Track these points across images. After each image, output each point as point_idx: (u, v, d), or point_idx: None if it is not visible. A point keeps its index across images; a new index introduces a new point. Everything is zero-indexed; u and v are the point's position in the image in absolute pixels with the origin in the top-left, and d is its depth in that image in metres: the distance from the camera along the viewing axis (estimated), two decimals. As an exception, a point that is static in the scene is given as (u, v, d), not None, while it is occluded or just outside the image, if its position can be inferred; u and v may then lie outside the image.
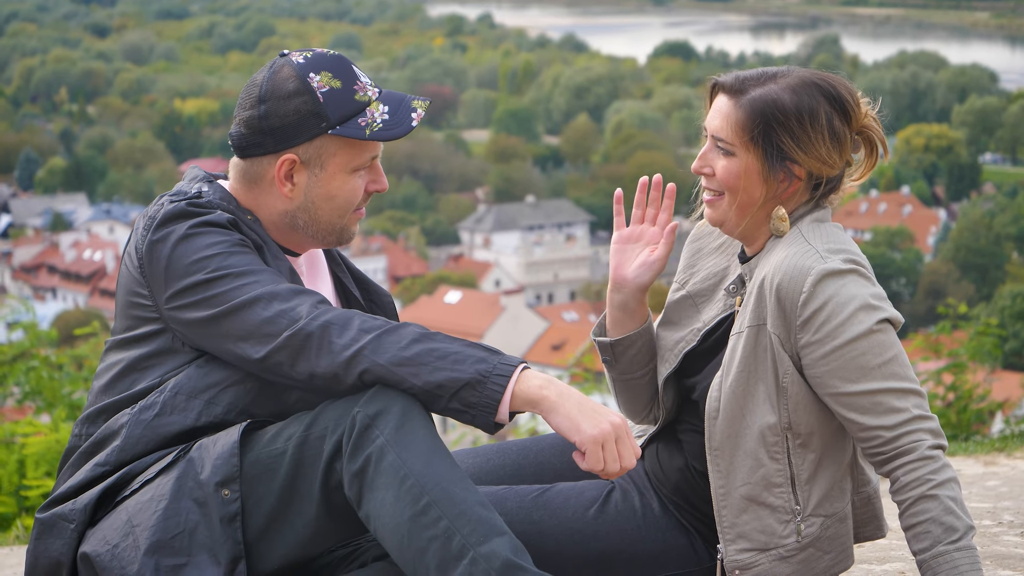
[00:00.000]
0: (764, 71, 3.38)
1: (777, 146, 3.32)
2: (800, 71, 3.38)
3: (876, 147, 3.42)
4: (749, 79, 3.36)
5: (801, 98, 3.33)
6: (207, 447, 3.18)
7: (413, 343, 3.13)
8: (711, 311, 3.50)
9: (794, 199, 3.38)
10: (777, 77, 3.36)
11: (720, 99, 3.39)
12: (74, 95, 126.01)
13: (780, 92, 3.33)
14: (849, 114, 3.36)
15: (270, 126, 3.30)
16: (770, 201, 3.36)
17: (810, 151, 3.32)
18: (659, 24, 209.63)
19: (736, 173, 3.35)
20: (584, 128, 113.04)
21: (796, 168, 3.34)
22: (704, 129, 3.44)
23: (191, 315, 3.21)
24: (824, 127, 3.32)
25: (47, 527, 3.26)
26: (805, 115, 3.32)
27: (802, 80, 3.35)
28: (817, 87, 3.34)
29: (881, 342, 3.26)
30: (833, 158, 3.34)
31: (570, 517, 3.49)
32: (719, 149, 3.38)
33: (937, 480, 3.22)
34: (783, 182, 3.35)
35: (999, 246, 74.15)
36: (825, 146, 3.33)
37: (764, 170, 3.33)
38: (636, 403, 3.64)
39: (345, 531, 3.21)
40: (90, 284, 78.24)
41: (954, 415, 9.17)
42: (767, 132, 3.32)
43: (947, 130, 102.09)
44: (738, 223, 3.38)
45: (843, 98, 3.35)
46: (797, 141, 3.32)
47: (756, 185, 3.35)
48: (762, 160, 3.33)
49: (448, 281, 72.08)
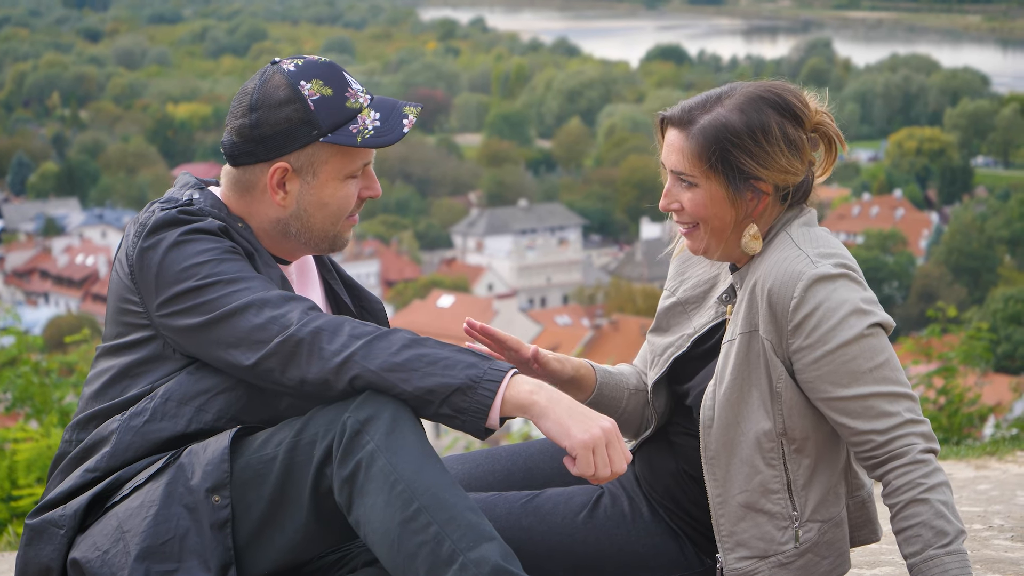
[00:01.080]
0: (708, 95, 3.37)
1: (737, 168, 3.32)
2: (744, 87, 3.37)
3: (833, 141, 3.43)
4: (694, 107, 3.35)
5: (750, 116, 3.32)
6: (197, 453, 3.18)
7: (403, 349, 3.13)
8: (702, 318, 3.51)
9: (767, 213, 3.38)
10: (722, 99, 3.35)
11: (670, 133, 3.39)
12: (66, 99, 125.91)
13: (728, 114, 3.32)
14: (800, 118, 3.35)
15: (261, 134, 3.30)
16: (743, 221, 3.36)
17: (771, 165, 3.32)
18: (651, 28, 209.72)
19: (703, 203, 3.36)
20: (576, 132, 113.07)
21: (761, 184, 3.34)
22: (662, 165, 3.44)
23: (182, 322, 3.21)
24: (779, 139, 3.32)
25: (37, 533, 3.26)
26: (758, 131, 3.31)
27: (747, 96, 3.34)
28: (763, 100, 3.33)
29: (872, 346, 3.26)
30: (795, 166, 3.34)
31: (560, 522, 3.49)
32: (682, 182, 3.38)
33: (928, 484, 3.23)
34: (751, 201, 3.35)
35: (991, 249, 74.22)
36: (784, 156, 3.32)
37: (730, 194, 3.33)
38: (626, 430, 3.68)
39: (335, 537, 3.21)
40: (82, 289, 78.15)
41: (945, 419, 9.18)
42: (724, 156, 3.31)
43: (939, 133, 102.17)
44: (718, 247, 3.39)
45: (791, 104, 3.34)
46: (756, 159, 3.31)
47: (725, 210, 3.35)
48: (725, 185, 3.33)
49: (441, 285, 72.06)
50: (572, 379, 3.60)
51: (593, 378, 3.62)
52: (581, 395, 3.62)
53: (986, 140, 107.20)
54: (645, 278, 75.58)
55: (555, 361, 3.56)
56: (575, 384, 3.61)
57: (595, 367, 3.64)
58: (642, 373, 3.69)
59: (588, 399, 3.61)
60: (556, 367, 3.57)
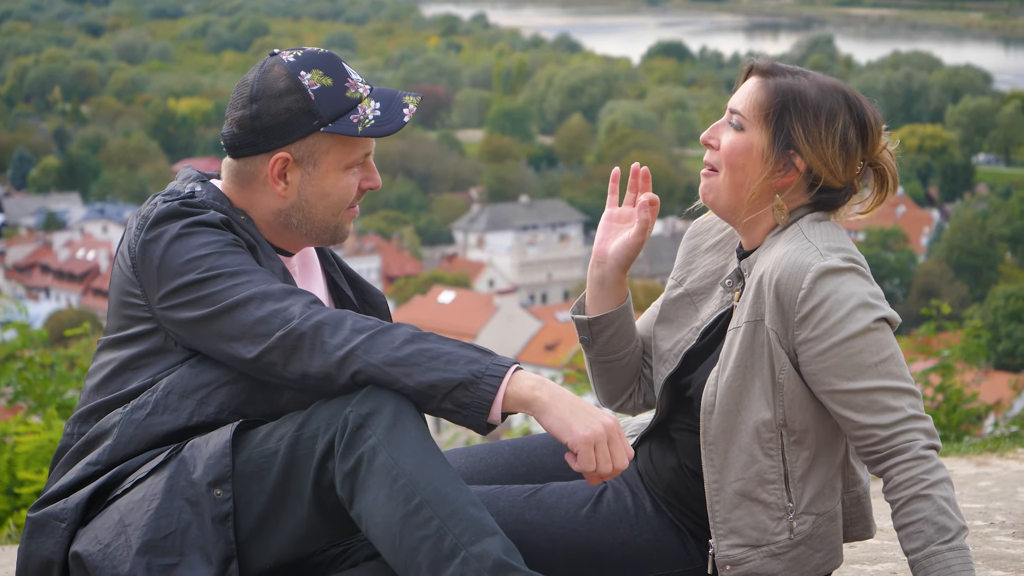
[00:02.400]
0: (802, 68, 3.43)
1: (787, 131, 3.34)
2: (836, 79, 3.42)
3: (887, 182, 3.44)
4: (783, 67, 3.41)
5: (826, 97, 3.36)
6: (199, 447, 3.18)
7: (406, 343, 3.12)
8: (709, 308, 3.50)
9: (789, 193, 3.37)
10: (811, 75, 3.40)
11: (751, 80, 3.42)
12: (68, 94, 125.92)
13: (808, 85, 3.36)
14: (867, 134, 3.37)
15: (262, 125, 3.30)
16: (764, 184, 3.35)
17: (816, 147, 3.33)
18: (653, 24, 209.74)
19: (739, 149, 3.37)
20: (578, 128, 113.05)
21: (798, 159, 3.35)
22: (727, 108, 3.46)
23: (184, 315, 3.21)
24: (838, 131, 3.34)
25: (38, 526, 3.26)
26: (824, 112, 3.34)
27: (833, 84, 3.39)
28: (844, 96, 3.37)
29: (878, 340, 3.26)
30: (837, 164, 3.34)
31: (562, 517, 3.49)
32: (732, 124, 3.40)
33: (930, 480, 3.23)
34: (780, 170, 3.36)
35: (992, 247, 74.24)
36: (832, 149, 3.33)
37: (767, 151, 3.34)
38: (612, 387, 3.65)
39: (337, 531, 3.21)
40: (83, 283, 78.18)
41: (943, 416, 9.18)
42: (782, 115, 3.34)
43: (941, 131, 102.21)
44: (728, 202, 3.39)
45: (865, 116, 3.37)
46: (807, 133, 3.33)
47: (755, 164, 3.35)
48: (769, 140, 3.35)
49: (442, 281, 72.08)
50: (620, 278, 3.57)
51: (626, 296, 3.59)
52: (608, 301, 3.57)
53: (987, 138, 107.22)
54: (646, 274, 75.57)
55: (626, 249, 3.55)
56: (610, 285, 3.57)
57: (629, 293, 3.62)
58: (644, 341, 3.67)
59: (612, 308, 3.56)
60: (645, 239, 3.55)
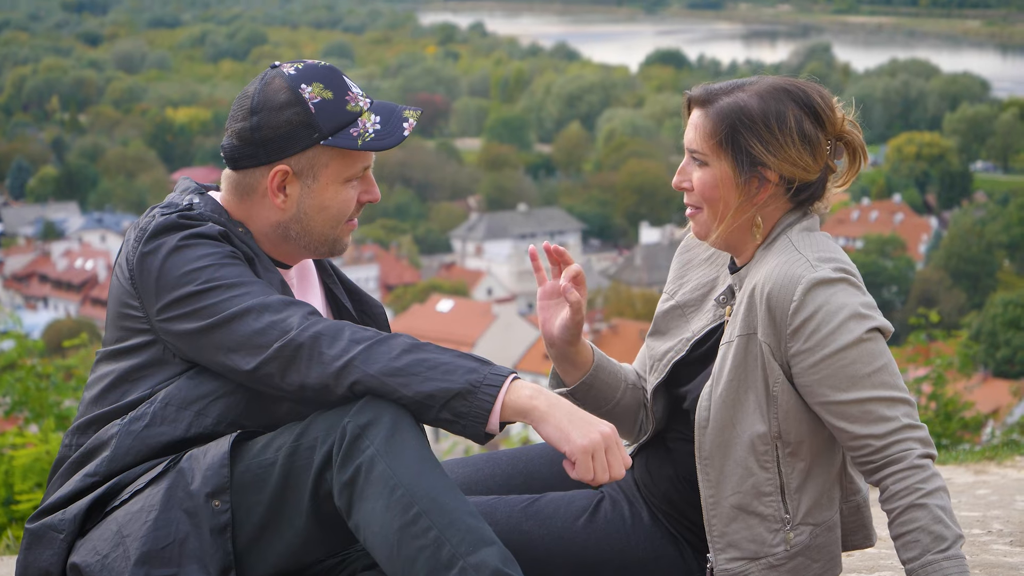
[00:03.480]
0: (734, 82, 3.42)
1: (746, 151, 3.34)
2: (771, 79, 3.41)
3: (858, 153, 3.44)
4: (718, 90, 3.40)
5: (767, 103, 3.35)
6: (197, 458, 3.19)
7: (404, 354, 3.13)
8: (700, 321, 3.51)
9: (771, 205, 3.38)
10: (745, 86, 3.39)
11: (694, 113, 3.42)
12: (66, 103, 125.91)
13: (747, 99, 3.35)
14: (821, 117, 3.37)
15: (262, 137, 3.31)
16: (745, 205, 3.36)
17: (779, 154, 3.33)
18: (651, 32, 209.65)
19: (710, 183, 3.37)
20: (576, 136, 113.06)
21: (767, 172, 3.35)
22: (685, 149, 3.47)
23: (182, 327, 3.21)
24: (792, 129, 3.33)
25: (36, 537, 3.26)
26: (772, 118, 3.33)
27: (771, 86, 3.38)
28: (786, 92, 3.36)
29: (871, 351, 3.27)
30: (805, 160, 3.35)
31: (560, 527, 3.50)
32: (695, 161, 3.40)
33: (926, 489, 3.23)
34: (756, 187, 3.36)
35: (990, 254, 74.20)
36: (795, 148, 3.33)
37: (735, 175, 3.35)
38: (620, 427, 3.67)
39: (335, 541, 3.21)
40: (82, 293, 78.11)
41: (938, 425, 9.19)
42: (735, 137, 3.34)
43: (939, 138, 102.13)
44: (717, 230, 3.39)
45: (813, 101, 3.36)
46: (765, 144, 3.33)
47: (729, 191, 3.36)
48: (733, 166, 3.35)
49: (440, 289, 72.01)
50: (576, 349, 3.57)
51: (591, 357, 3.61)
52: (577, 372, 3.61)
53: (985, 145, 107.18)
54: (644, 283, 75.55)
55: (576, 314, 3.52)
56: (570, 359, 3.59)
57: (594, 349, 3.63)
58: (641, 376, 3.70)
59: (583, 376, 3.61)
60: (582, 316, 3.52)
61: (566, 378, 3.63)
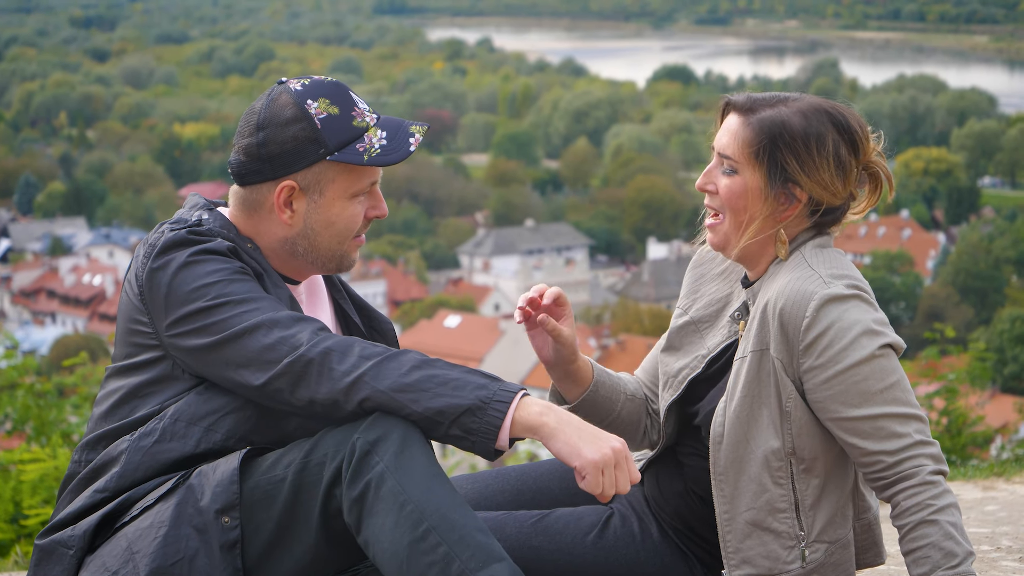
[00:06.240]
0: (776, 94, 3.41)
1: (781, 166, 3.33)
2: (813, 98, 3.40)
3: (881, 183, 3.44)
4: (761, 100, 3.39)
5: (810, 122, 3.34)
6: (207, 474, 3.18)
7: (413, 370, 3.13)
8: (715, 337, 3.50)
9: (793, 223, 3.38)
10: (789, 101, 3.38)
11: (731, 117, 3.41)
12: (73, 119, 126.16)
13: (790, 115, 3.35)
14: (857, 145, 3.37)
15: (269, 153, 3.31)
16: (768, 220, 3.36)
17: (813, 175, 3.33)
18: (658, 48, 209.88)
19: (738, 192, 3.37)
20: (583, 152, 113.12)
21: (797, 191, 3.35)
22: (712, 148, 3.45)
23: (191, 342, 3.21)
24: (830, 153, 3.33)
25: (46, 553, 3.26)
26: (812, 139, 3.33)
27: (814, 106, 3.37)
28: (828, 115, 3.36)
29: (883, 367, 3.26)
30: (836, 186, 3.35)
31: (569, 542, 3.49)
32: (724, 167, 3.39)
33: (938, 505, 3.23)
34: (783, 204, 3.36)
35: (998, 270, 74.14)
36: (829, 172, 3.34)
37: (765, 189, 3.35)
38: (624, 436, 3.66)
39: (344, 557, 3.21)
40: (89, 308, 78.19)
41: (948, 440, 9.17)
42: (772, 151, 3.33)
43: (946, 154, 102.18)
44: (737, 243, 3.39)
45: (852, 129, 3.36)
46: (802, 164, 3.33)
47: (756, 204, 3.36)
48: (764, 179, 3.34)
49: (447, 305, 72.03)
50: (575, 367, 3.58)
51: (591, 373, 3.61)
52: (577, 389, 3.61)
53: (993, 160, 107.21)
54: (652, 298, 75.55)
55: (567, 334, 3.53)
56: (571, 376, 3.60)
57: (594, 365, 3.63)
58: (643, 384, 3.69)
59: (583, 393, 3.61)
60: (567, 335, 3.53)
61: (567, 395, 3.63)
